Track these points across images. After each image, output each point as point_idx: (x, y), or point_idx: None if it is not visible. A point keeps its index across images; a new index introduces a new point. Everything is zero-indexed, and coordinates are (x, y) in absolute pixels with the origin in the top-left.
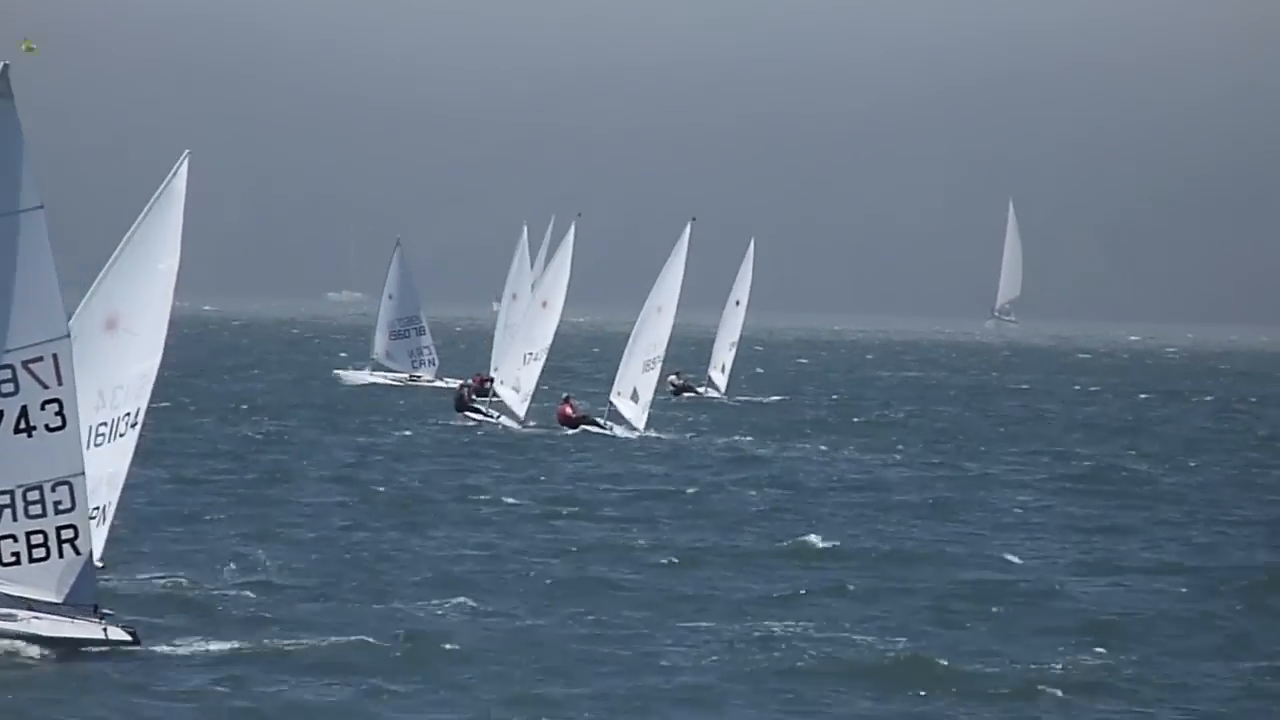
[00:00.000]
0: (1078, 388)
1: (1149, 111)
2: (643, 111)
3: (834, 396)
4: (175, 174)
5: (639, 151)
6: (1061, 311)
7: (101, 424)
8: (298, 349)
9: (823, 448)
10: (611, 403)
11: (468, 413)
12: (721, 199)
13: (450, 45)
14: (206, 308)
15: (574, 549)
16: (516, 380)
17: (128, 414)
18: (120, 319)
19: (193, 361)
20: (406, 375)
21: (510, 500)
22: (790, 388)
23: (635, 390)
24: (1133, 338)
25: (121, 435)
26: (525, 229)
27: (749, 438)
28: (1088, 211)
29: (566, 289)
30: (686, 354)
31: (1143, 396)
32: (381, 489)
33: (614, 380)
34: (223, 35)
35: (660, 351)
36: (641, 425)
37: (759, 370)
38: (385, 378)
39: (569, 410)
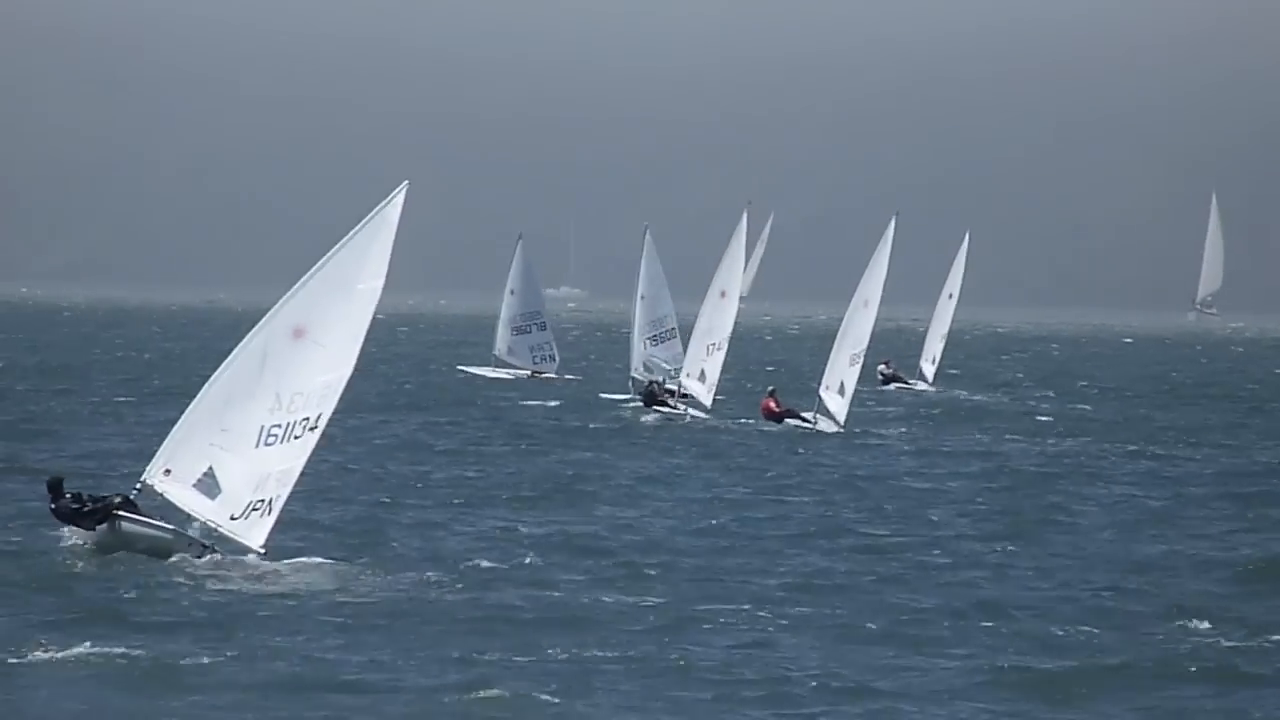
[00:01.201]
0: None
1: None
2: (840, 102)
3: (1048, 392)
4: (390, 202)
5: (836, 140)
6: (1265, 305)
7: (275, 425)
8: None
9: (1038, 441)
10: (820, 397)
11: (657, 407)
12: (928, 191)
13: (649, 40)
14: (442, 302)
15: (786, 535)
16: (701, 371)
17: (306, 418)
18: (309, 329)
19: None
20: (528, 371)
21: (696, 494)
22: (998, 381)
23: (842, 384)
24: None
25: (297, 437)
26: (648, 232)
27: (960, 430)
28: None
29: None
30: (899, 343)
31: None
32: (575, 476)
33: (822, 374)
34: (417, 59)
35: (864, 346)
36: (843, 419)
37: (966, 361)
38: (507, 374)
39: (773, 405)
